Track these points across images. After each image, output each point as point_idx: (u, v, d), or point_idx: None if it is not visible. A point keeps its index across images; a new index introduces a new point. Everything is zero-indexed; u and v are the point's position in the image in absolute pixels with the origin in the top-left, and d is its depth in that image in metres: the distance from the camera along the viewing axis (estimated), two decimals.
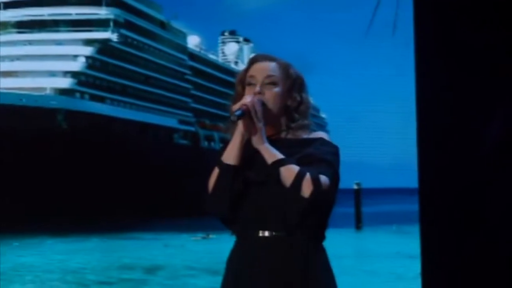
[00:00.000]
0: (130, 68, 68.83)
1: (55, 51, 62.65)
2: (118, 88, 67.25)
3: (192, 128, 77.81)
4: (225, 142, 3.15)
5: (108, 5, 65.49)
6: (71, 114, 59.38)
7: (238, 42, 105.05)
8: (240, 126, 3.04)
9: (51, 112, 58.03)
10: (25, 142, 54.18)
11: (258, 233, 3.00)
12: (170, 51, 75.63)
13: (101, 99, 64.38)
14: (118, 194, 59.42)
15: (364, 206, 48.92)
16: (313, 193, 2.85)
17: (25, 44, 63.74)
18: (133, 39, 69.08)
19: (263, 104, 3.04)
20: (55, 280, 24.70)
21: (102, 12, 65.26)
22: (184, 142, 75.72)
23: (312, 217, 2.93)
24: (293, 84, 3.14)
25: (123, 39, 67.03)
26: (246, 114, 2.99)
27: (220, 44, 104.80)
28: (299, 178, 2.87)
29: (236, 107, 3.00)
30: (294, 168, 2.90)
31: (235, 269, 3.06)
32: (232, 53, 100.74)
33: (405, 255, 27.89)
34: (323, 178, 2.88)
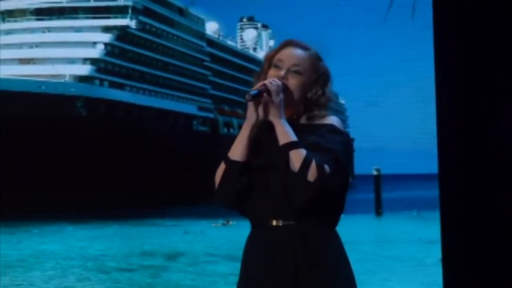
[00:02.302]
0: (148, 55, 68.89)
1: (74, 38, 62.75)
2: (137, 75, 67.35)
3: (211, 115, 77.83)
4: None
5: None
6: (90, 101, 59.57)
7: (256, 28, 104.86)
8: (250, 113, 3.04)
9: (71, 99, 58.22)
10: (45, 129, 54.36)
11: (269, 222, 3.01)
12: (189, 38, 75.60)
13: (120, 86, 64.50)
14: (138, 180, 59.59)
15: (384, 192, 48.79)
16: (317, 180, 2.86)
17: (43, 31, 63.88)
18: (152, 26, 69.10)
19: (286, 88, 3.04)
20: (75, 267, 24.80)
21: None
22: (203, 128, 75.79)
23: (318, 204, 2.93)
24: (318, 78, 3.14)
25: (142, 26, 67.06)
26: (261, 94, 2.98)
27: (239, 30, 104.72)
28: (306, 163, 2.88)
29: (254, 88, 3.01)
30: (302, 153, 2.91)
31: (248, 257, 3.08)
32: (250, 39, 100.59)
33: (425, 241, 27.84)
34: (326, 167, 2.89)
